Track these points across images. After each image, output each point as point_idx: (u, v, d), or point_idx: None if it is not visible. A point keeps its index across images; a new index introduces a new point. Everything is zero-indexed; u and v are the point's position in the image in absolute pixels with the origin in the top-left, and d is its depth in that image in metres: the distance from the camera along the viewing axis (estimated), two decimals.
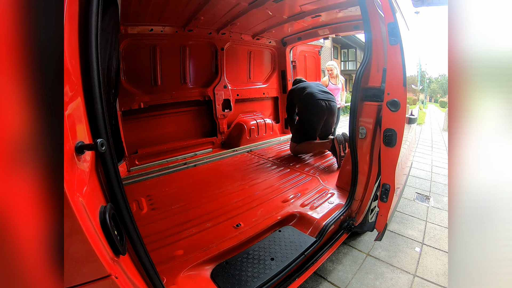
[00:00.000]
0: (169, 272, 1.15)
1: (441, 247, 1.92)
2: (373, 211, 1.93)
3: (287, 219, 1.64)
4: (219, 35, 3.03)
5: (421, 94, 24.05)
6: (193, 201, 1.88)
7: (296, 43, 3.64)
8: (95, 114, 0.62)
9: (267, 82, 3.81)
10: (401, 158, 1.46)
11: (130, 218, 0.70)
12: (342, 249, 1.90)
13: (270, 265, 1.25)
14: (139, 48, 2.53)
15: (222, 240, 1.39)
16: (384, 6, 1.33)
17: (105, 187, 0.67)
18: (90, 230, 0.53)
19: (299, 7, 2.52)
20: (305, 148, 2.88)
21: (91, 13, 0.63)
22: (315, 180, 2.22)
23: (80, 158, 0.55)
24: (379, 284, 1.56)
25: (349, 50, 22.26)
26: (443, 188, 3.12)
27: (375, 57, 1.54)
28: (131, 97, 2.53)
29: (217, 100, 3.18)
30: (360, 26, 2.65)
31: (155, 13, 2.30)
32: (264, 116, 3.75)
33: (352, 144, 1.67)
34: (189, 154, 2.95)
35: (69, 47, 0.56)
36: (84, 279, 0.54)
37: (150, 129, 2.78)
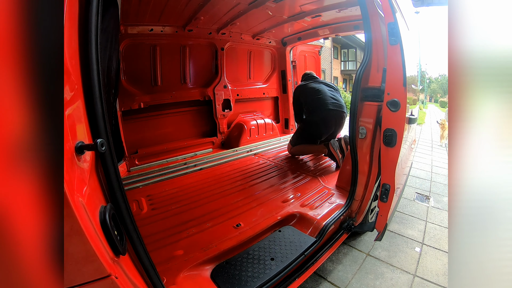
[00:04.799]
0: (169, 272, 1.15)
1: (441, 247, 1.92)
2: (373, 211, 1.93)
3: (287, 219, 1.64)
4: (219, 35, 3.03)
5: (421, 94, 24.03)
6: (193, 201, 1.87)
7: (296, 43, 3.63)
8: (95, 114, 0.62)
9: (267, 82, 3.81)
10: (401, 158, 1.46)
11: (130, 218, 0.70)
12: (342, 249, 1.90)
13: (270, 265, 1.25)
14: (139, 48, 2.53)
15: (222, 240, 1.39)
16: (384, 6, 1.33)
17: (105, 187, 0.67)
18: (90, 230, 0.53)
19: (299, 7, 2.52)
20: (300, 150, 2.86)
21: (91, 13, 0.63)
22: (315, 180, 2.22)
23: (80, 158, 0.55)
24: (379, 284, 1.56)
25: (349, 50, 22.27)
26: (443, 188, 3.12)
27: (375, 57, 1.54)
28: (131, 97, 2.53)
29: (217, 100, 3.18)
30: (360, 26, 2.64)
31: (155, 13, 2.30)
32: (264, 116, 3.75)
33: (352, 144, 1.67)
34: (189, 154, 2.95)
35: (69, 47, 0.56)
36: (84, 279, 0.54)
37: (150, 129, 2.78)
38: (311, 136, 2.76)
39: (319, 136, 2.73)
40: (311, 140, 2.77)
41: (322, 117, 2.63)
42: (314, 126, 2.70)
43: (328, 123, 2.64)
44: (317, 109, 2.65)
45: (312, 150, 2.78)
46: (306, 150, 2.83)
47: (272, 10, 2.51)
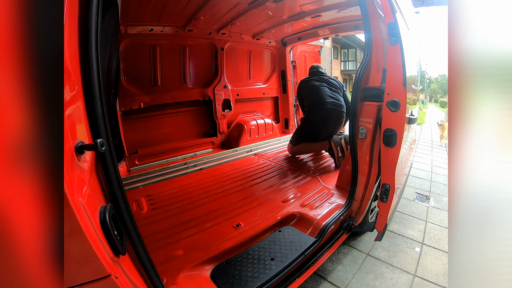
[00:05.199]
0: (169, 272, 1.15)
1: (441, 247, 1.92)
2: (373, 211, 1.93)
3: (287, 219, 1.64)
4: (219, 35, 3.03)
5: (421, 94, 24.05)
6: (193, 201, 1.87)
7: (296, 43, 3.63)
8: (95, 114, 0.62)
9: (267, 82, 3.81)
10: (401, 158, 1.46)
11: (130, 218, 0.70)
12: (342, 249, 1.90)
13: (270, 265, 1.25)
14: (139, 48, 2.53)
15: (222, 240, 1.39)
16: (384, 6, 1.33)
17: (105, 187, 0.67)
18: (90, 230, 0.53)
19: (299, 7, 2.52)
20: (302, 149, 2.86)
21: (91, 13, 0.63)
22: (315, 180, 2.22)
23: (80, 158, 0.55)
24: (379, 284, 1.56)
25: (349, 50, 22.28)
26: (443, 188, 3.12)
27: (375, 57, 1.54)
28: (131, 97, 2.53)
29: (217, 100, 3.18)
30: (360, 26, 2.64)
31: (155, 13, 2.30)
32: (264, 116, 3.75)
33: (352, 144, 1.67)
34: (189, 154, 2.95)
35: (69, 47, 0.56)
36: (84, 279, 0.54)
37: (150, 129, 2.78)
38: (311, 135, 2.77)
39: (318, 135, 2.75)
40: (311, 138, 2.78)
41: (320, 116, 2.65)
42: (313, 125, 2.72)
43: (326, 121, 2.65)
44: (316, 108, 2.67)
45: (314, 147, 2.78)
46: (308, 148, 2.83)
47: (272, 10, 2.51)
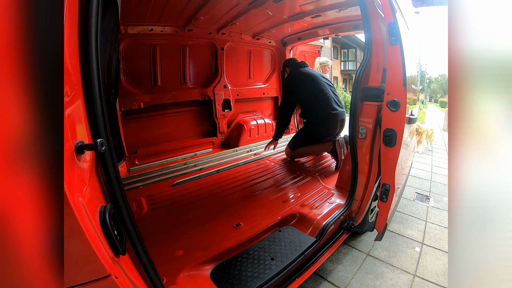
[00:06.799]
0: (169, 272, 1.15)
1: (441, 247, 1.92)
2: (373, 211, 1.93)
3: (287, 219, 1.64)
4: (219, 35, 3.03)
5: (421, 94, 24.05)
6: (193, 201, 1.87)
7: (296, 43, 3.63)
8: (95, 114, 0.62)
9: (267, 82, 3.81)
10: (401, 158, 1.46)
11: (130, 218, 0.70)
12: (342, 249, 1.90)
13: (270, 265, 1.25)
14: (139, 48, 2.53)
15: (222, 240, 1.39)
16: (384, 6, 1.33)
17: (105, 187, 0.67)
18: (90, 230, 0.53)
19: (299, 7, 2.51)
20: (303, 153, 2.72)
21: (91, 13, 0.62)
22: (315, 180, 2.22)
23: (80, 158, 0.55)
24: (379, 284, 1.56)
25: (349, 50, 22.29)
26: (443, 188, 3.12)
27: (375, 57, 1.54)
28: (131, 97, 2.53)
29: (217, 100, 3.18)
30: (360, 26, 2.64)
31: (155, 13, 2.30)
32: (264, 116, 3.75)
33: (352, 144, 1.67)
34: (189, 154, 2.95)
35: (69, 47, 0.56)
36: (84, 279, 0.54)
37: (150, 129, 2.78)
38: (313, 139, 2.63)
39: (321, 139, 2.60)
40: (313, 142, 2.65)
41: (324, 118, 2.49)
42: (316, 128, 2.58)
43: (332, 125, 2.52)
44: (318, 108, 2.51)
45: (316, 150, 2.67)
46: (309, 151, 2.70)
47: (272, 10, 2.51)
